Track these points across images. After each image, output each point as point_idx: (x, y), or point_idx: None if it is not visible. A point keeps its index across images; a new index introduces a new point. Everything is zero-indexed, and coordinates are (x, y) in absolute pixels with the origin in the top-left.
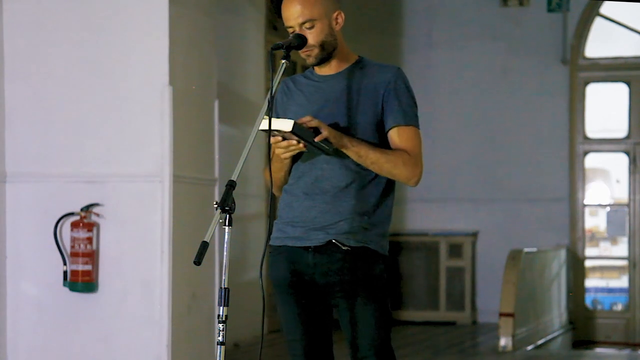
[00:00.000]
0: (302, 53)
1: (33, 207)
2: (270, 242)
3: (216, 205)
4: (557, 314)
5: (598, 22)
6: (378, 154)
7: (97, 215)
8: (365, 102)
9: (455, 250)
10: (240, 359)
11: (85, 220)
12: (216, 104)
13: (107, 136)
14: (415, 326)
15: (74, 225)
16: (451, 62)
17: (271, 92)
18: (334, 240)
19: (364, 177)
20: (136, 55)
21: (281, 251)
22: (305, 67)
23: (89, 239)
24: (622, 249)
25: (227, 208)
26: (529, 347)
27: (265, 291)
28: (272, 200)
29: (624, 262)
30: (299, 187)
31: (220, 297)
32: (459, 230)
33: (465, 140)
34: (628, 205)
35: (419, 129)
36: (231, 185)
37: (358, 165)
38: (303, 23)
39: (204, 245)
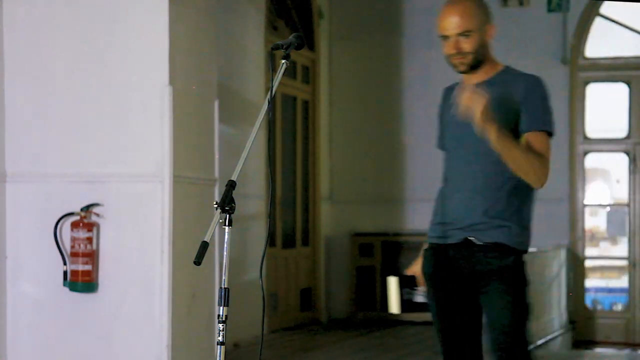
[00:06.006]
0: (455, 60)
1: (33, 207)
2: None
3: (216, 205)
4: (557, 314)
5: (598, 22)
6: (520, 151)
7: (97, 215)
8: (502, 109)
9: None
10: (240, 359)
11: (85, 220)
12: (216, 104)
13: (107, 136)
14: (415, 326)
15: (74, 225)
16: None
17: (271, 92)
18: (469, 238)
19: (495, 181)
20: (136, 55)
21: (430, 248)
22: (304, 66)
23: (89, 239)
24: (622, 249)
25: (227, 208)
26: (529, 347)
27: (265, 291)
28: (272, 200)
29: (624, 262)
30: (447, 186)
31: (220, 297)
32: None
33: None
34: (628, 205)
35: (550, 134)
36: (231, 185)
37: (493, 169)
38: (460, 33)
39: (204, 245)
